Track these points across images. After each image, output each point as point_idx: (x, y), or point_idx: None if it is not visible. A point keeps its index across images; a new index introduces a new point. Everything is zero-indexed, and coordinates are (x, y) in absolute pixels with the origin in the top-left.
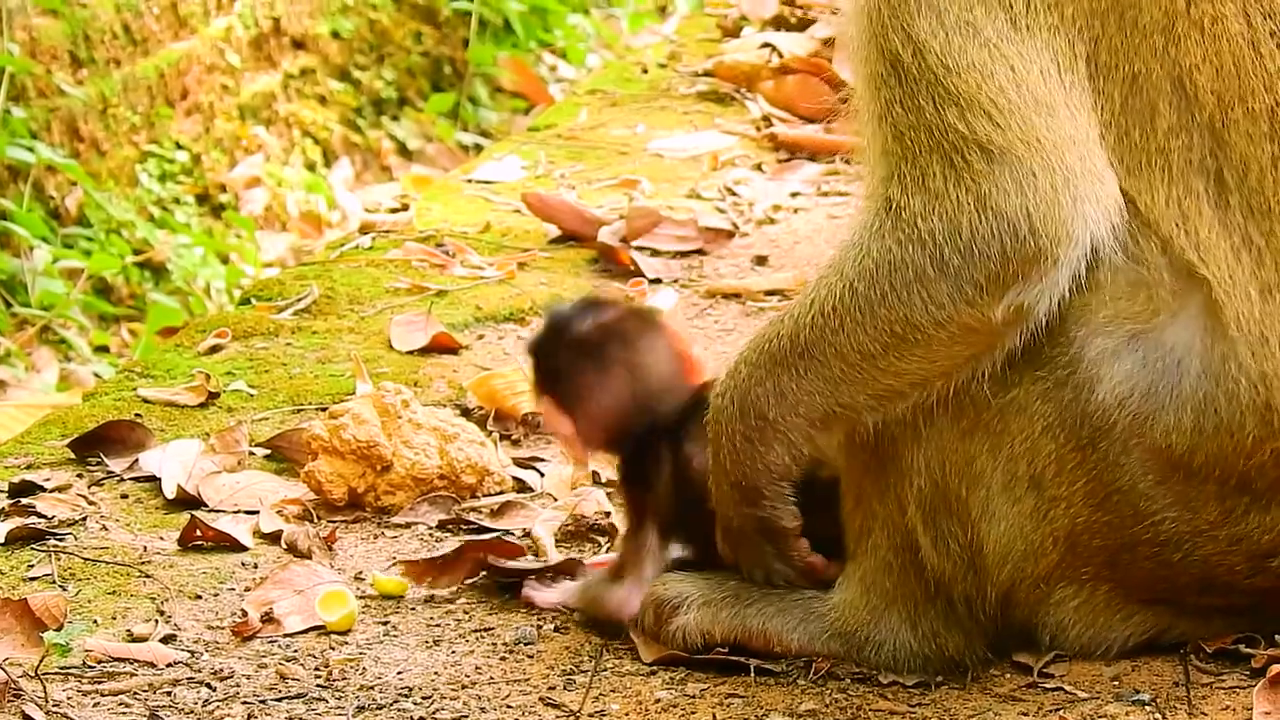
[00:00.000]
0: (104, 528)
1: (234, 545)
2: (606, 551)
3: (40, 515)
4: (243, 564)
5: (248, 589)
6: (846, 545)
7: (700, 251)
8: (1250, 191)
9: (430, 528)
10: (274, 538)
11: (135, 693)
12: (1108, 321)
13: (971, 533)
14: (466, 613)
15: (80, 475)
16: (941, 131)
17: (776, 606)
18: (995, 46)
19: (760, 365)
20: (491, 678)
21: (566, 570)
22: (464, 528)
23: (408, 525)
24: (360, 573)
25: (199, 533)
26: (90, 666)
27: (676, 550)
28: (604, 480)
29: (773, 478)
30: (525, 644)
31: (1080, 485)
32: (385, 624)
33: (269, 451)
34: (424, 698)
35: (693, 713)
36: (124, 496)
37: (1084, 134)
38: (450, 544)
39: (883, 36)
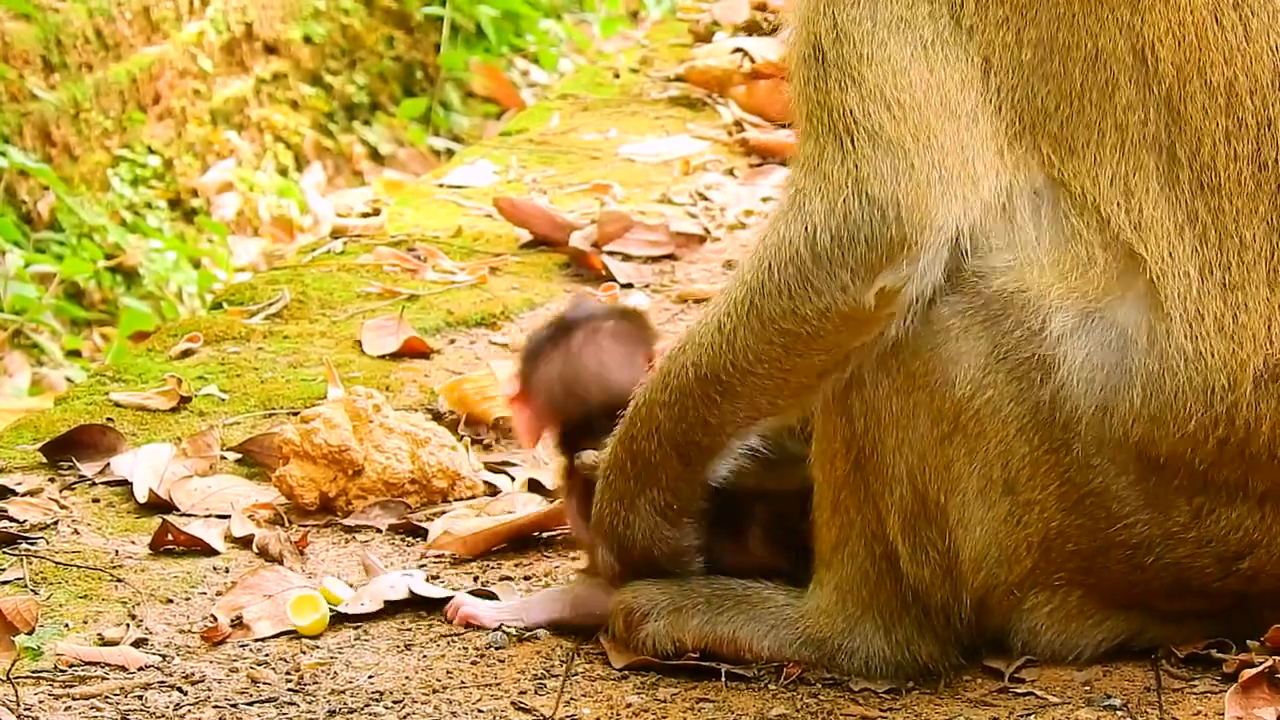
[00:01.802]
0: (75, 532)
1: (205, 550)
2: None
3: (12, 519)
4: (214, 568)
5: (219, 593)
6: (817, 551)
7: (672, 256)
8: (1202, 167)
9: (380, 530)
10: (245, 542)
11: (106, 696)
12: (1061, 297)
13: (949, 540)
14: (438, 617)
15: (52, 479)
16: (841, 114)
17: (747, 614)
18: (926, 46)
19: (670, 404)
20: (463, 682)
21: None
22: (414, 535)
23: (359, 528)
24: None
25: (170, 537)
26: (62, 670)
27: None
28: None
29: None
30: (497, 648)
31: (1053, 488)
32: (357, 628)
33: (240, 456)
34: (395, 702)
35: (664, 717)
36: (95, 501)
37: (977, 139)
38: (401, 556)
39: (812, 21)
